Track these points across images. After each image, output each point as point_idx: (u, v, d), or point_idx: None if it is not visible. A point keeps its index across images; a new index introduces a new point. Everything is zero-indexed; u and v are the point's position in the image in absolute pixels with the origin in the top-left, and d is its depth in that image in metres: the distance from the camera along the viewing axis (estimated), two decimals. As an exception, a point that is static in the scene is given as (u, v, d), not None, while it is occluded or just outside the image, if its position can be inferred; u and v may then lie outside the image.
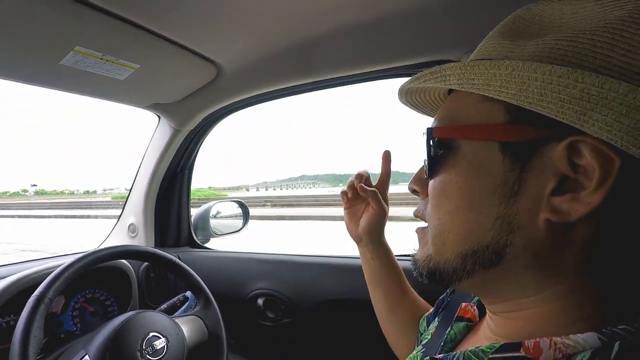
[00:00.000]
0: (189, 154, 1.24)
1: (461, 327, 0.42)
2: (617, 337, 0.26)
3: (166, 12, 0.68)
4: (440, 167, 0.34)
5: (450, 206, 0.33)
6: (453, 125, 0.34)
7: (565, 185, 0.28)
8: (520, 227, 0.29)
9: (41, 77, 0.81)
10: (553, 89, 0.25)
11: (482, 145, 0.31)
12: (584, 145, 0.26)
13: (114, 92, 0.95)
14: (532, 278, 0.30)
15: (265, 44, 0.85)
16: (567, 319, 0.30)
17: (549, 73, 0.25)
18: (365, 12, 0.73)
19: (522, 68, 0.26)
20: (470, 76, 0.29)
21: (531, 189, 0.29)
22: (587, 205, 0.26)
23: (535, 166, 0.28)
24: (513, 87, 0.27)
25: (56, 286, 0.65)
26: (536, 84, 0.26)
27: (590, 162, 0.26)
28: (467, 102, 0.33)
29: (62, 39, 0.67)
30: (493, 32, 0.36)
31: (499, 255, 0.30)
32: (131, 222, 1.25)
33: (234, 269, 1.15)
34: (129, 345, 0.65)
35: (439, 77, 0.32)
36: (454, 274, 0.33)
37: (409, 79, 0.36)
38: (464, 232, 0.32)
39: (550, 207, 0.28)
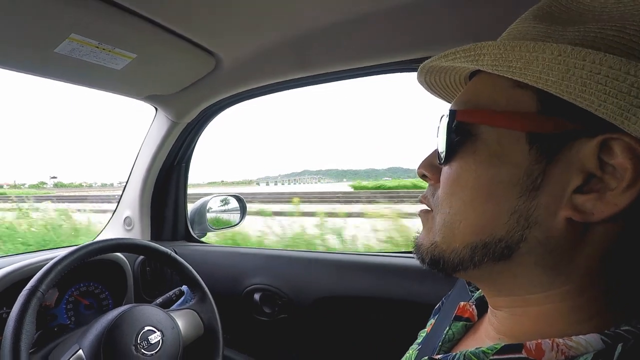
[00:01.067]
0: (186, 147, 1.23)
1: (459, 327, 0.41)
2: (620, 338, 0.26)
3: (165, 0, 0.67)
4: (458, 154, 0.32)
5: (466, 195, 0.31)
6: (478, 109, 0.32)
7: (589, 183, 0.27)
8: (538, 222, 0.28)
9: (35, 65, 0.79)
10: (600, 79, 0.23)
11: (508, 133, 0.29)
12: (617, 144, 0.25)
13: (110, 83, 0.93)
14: (541, 275, 0.30)
15: (265, 36, 0.83)
16: (573, 319, 0.29)
17: (599, 62, 0.23)
18: (365, 5, 0.72)
19: (569, 53, 0.24)
20: (508, 57, 0.27)
21: (554, 184, 0.27)
22: (613, 206, 0.25)
23: (562, 161, 0.27)
24: (555, 73, 0.25)
25: (49, 279, 0.64)
26: (582, 72, 0.24)
27: (622, 162, 0.25)
28: (495, 86, 0.31)
29: (57, 26, 0.65)
30: (527, 14, 0.33)
31: (511, 249, 0.29)
32: (127, 215, 1.24)
33: (231, 263, 1.14)
34: (123, 339, 0.64)
35: (471, 56, 0.29)
36: (460, 264, 0.32)
37: (435, 56, 0.33)
38: (478, 223, 0.31)
39: (572, 205, 0.27)
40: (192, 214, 1.29)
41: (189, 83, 1.00)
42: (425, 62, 0.36)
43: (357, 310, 0.94)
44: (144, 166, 1.19)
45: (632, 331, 0.26)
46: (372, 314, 0.92)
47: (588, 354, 0.26)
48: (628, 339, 0.26)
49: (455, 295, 0.48)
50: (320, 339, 1.00)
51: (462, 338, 0.41)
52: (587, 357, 0.26)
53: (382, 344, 0.90)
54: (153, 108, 1.14)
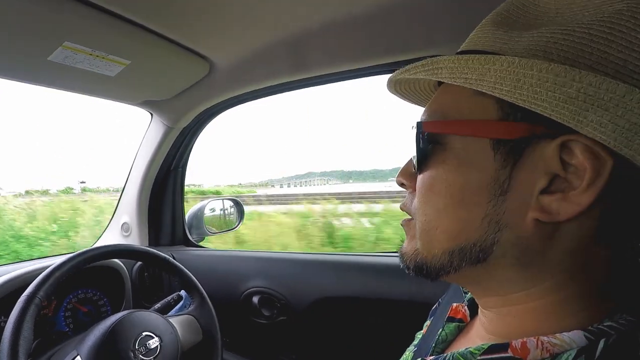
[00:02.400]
0: (182, 152, 1.23)
1: (452, 328, 0.42)
2: (602, 334, 0.26)
3: (157, 7, 0.67)
4: (429, 163, 0.33)
5: (439, 203, 0.32)
6: (444, 120, 0.33)
7: (554, 184, 0.27)
8: (508, 225, 0.29)
9: (29, 73, 0.79)
10: (549, 87, 0.24)
11: (473, 141, 0.30)
12: (576, 145, 0.26)
13: (104, 89, 0.93)
14: (518, 275, 0.30)
15: (258, 40, 0.84)
16: (556, 315, 0.30)
17: (546, 71, 0.24)
18: (358, 7, 0.73)
19: (517, 64, 0.25)
20: (463, 70, 0.28)
21: (521, 187, 0.28)
22: (576, 205, 0.26)
23: (527, 164, 0.28)
24: (507, 83, 0.26)
25: (47, 286, 0.64)
26: (531, 81, 0.25)
27: (581, 162, 0.26)
28: (458, 95, 0.32)
29: (51, 34, 0.65)
30: (487, 19, 0.35)
31: (485, 252, 0.30)
32: (124, 221, 1.23)
33: (229, 267, 1.14)
34: (121, 345, 0.64)
35: (430, 70, 0.31)
36: (441, 269, 0.33)
37: (399, 70, 0.35)
38: (452, 229, 0.32)
39: (539, 206, 0.28)
40: (190, 219, 1.29)
41: (184, 88, 1.00)
42: (392, 75, 0.38)
43: (355, 311, 0.94)
44: (140, 172, 1.19)
45: (615, 327, 0.27)
46: (370, 315, 0.92)
47: (572, 351, 0.26)
48: (610, 334, 0.26)
49: (450, 297, 0.49)
50: (319, 341, 1.00)
51: (454, 339, 0.41)
52: (571, 354, 0.26)
53: (380, 345, 0.90)
54: (148, 114, 1.14)
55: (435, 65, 0.30)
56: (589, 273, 0.29)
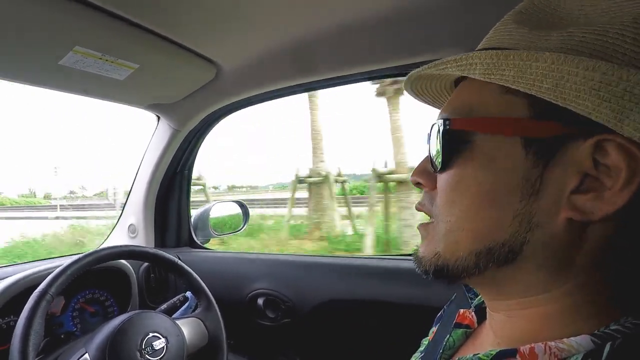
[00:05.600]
0: (188, 154, 1.24)
1: (460, 334, 0.41)
2: (609, 338, 0.26)
3: (165, 11, 0.68)
4: (456, 161, 0.32)
5: (466, 202, 0.31)
6: (472, 117, 0.32)
7: (585, 183, 0.27)
8: (540, 225, 0.28)
9: (40, 77, 0.81)
10: (593, 85, 0.24)
11: (503, 139, 0.30)
12: (610, 144, 0.25)
13: (113, 93, 0.95)
14: (543, 276, 0.30)
15: (264, 44, 0.85)
16: (567, 319, 0.29)
17: (592, 69, 0.24)
18: (363, 11, 0.73)
19: (563, 61, 0.25)
20: (500, 67, 0.27)
21: (553, 186, 0.28)
22: (612, 204, 0.26)
23: (559, 163, 0.27)
24: (549, 81, 0.25)
25: (58, 283, 0.65)
26: (576, 79, 0.24)
27: (616, 162, 0.25)
28: (484, 92, 0.31)
29: (61, 38, 0.67)
30: (507, 17, 0.34)
31: (514, 253, 0.29)
32: (131, 223, 1.25)
33: (234, 269, 1.15)
34: (128, 344, 0.65)
35: (463, 66, 0.30)
36: (465, 271, 0.32)
37: (426, 65, 0.34)
38: (481, 229, 0.31)
39: (572, 205, 0.27)
40: (195, 221, 1.30)
41: (191, 91, 1.02)
42: (416, 71, 0.37)
43: (360, 313, 0.94)
44: (147, 174, 1.20)
45: (621, 330, 0.27)
46: (375, 318, 0.92)
47: (578, 355, 0.26)
48: (616, 337, 0.26)
49: (455, 303, 0.48)
50: (324, 343, 1.00)
51: (462, 345, 0.41)
52: (577, 358, 0.26)
53: (385, 348, 0.90)
54: (155, 116, 1.15)
55: (469, 60, 0.29)
56: (605, 275, 0.29)
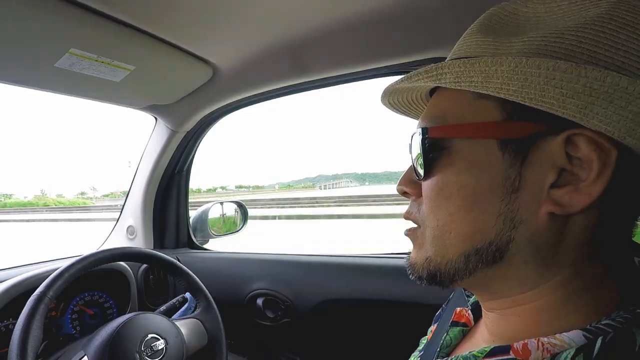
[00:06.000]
0: (186, 155, 1.24)
1: (457, 332, 0.42)
2: (600, 332, 0.27)
3: (161, 13, 0.68)
4: (436, 168, 0.33)
5: (451, 206, 0.32)
6: (447, 124, 0.33)
7: (563, 178, 0.28)
8: (523, 222, 0.29)
9: (36, 79, 0.81)
10: (556, 84, 0.25)
11: (480, 143, 0.31)
12: (580, 138, 0.27)
13: (109, 94, 0.95)
14: (532, 272, 0.31)
15: (261, 44, 0.85)
16: (558, 313, 0.30)
17: (553, 68, 0.25)
18: (359, 10, 0.73)
19: (525, 64, 0.26)
20: (469, 74, 0.29)
21: (531, 183, 0.29)
22: (588, 195, 0.27)
23: (534, 161, 0.29)
24: (515, 83, 0.27)
25: (56, 286, 0.65)
26: (539, 79, 0.26)
27: (587, 154, 0.27)
28: (458, 100, 0.33)
29: (57, 41, 0.67)
30: (471, 29, 0.35)
31: (501, 251, 0.30)
32: (130, 224, 1.25)
33: (233, 269, 1.15)
34: (127, 346, 0.65)
35: (433, 76, 0.31)
36: (456, 274, 0.32)
37: (399, 79, 0.35)
38: (468, 231, 0.32)
39: (552, 200, 0.28)
40: (194, 222, 1.30)
41: (187, 92, 1.02)
42: (390, 85, 0.38)
43: (359, 313, 0.94)
44: (145, 175, 1.20)
45: (613, 324, 0.27)
46: (375, 317, 0.92)
47: (570, 350, 0.27)
48: (608, 332, 0.27)
49: (454, 302, 0.49)
50: (323, 343, 1.01)
51: (459, 343, 0.42)
52: (570, 352, 0.27)
53: (385, 347, 0.90)
54: (153, 118, 1.15)
55: (439, 70, 0.31)
56: (592, 266, 0.30)
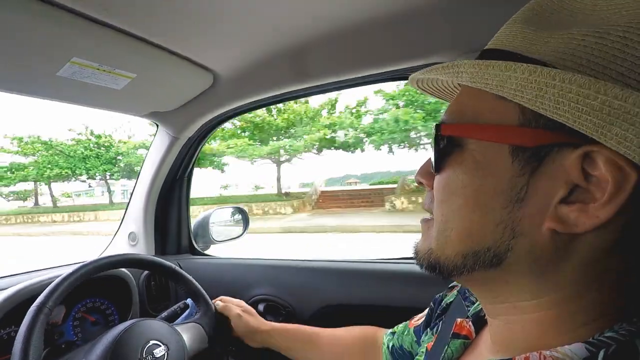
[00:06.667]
0: (187, 161, 1.25)
1: (458, 345, 0.41)
2: (603, 345, 0.26)
3: (161, 21, 0.69)
4: (446, 163, 0.33)
5: (455, 204, 0.32)
6: (462, 123, 0.33)
7: (575, 194, 0.27)
8: (524, 233, 0.28)
9: (39, 88, 0.82)
10: (571, 98, 0.23)
11: (491, 145, 0.30)
12: (599, 156, 0.25)
13: (111, 102, 0.95)
14: (531, 283, 0.30)
15: (261, 51, 0.86)
16: (563, 327, 0.29)
17: (569, 81, 0.23)
18: (359, 16, 0.74)
19: (539, 74, 0.24)
20: (484, 76, 0.27)
21: (539, 195, 0.28)
22: (595, 218, 0.25)
23: (546, 172, 0.27)
24: (529, 92, 0.25)
25: (56, 296, 0.65)
26: (554, 91, 0.24)
27: (603, 175, 0.25)
28: (480, 97, 0.32)
29: (59, 50, 0.68)
30: (517, 14, 0.34)
31: (499, 258, 0.30)
32: (131, 231, 1.25)
33: (235, 275, 1.14)
34: (129, 353, 0.65)
35: (451, 73, 0.30)
36: (454, 270, 0.32)
37: (421, 70, 0.34)
38: (466, 231, 0.31)
39: (557, 216, 0.27)
40: (196, 228, 1.31)
41: (188, 99, 1.02)
42: (414, 75, 0.37)
43: (360, 318, 0.93)
44: (147, 182, 1.21)
45: (615, 337, 0.27)
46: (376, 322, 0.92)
47: None
48: (610, 344, 0.26)
49: (452, 312, 0.48)
50: (326, 348, 1.00)
51: (460, 357, 0.41)
52: None
53: None
54: (154, 124, 1.16)
55: (456, 68, 0.30)
56: (601, 286, 0.28)
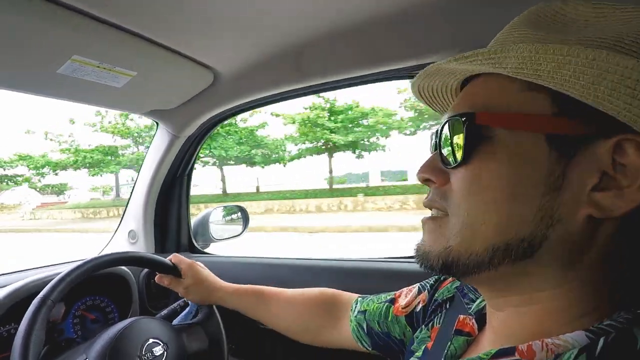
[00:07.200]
0: (187, 160, 1.25)
1: (461, 342, 0.41)
2: (603, 333, 0.27)
3: (162, 19, 0.69)
4: (477, 156, 0.32)
5: (488, 196, 0.31)
6: (493, 112, 0.32)
7: (603, 181, 0.28)
8: (561, 220, 0.29)
9: (39, 86, 0.82)
10: (630, 84, 0.24)
11: (526, 135, 0.30)
12: (630, 145, 0.26)
13: (111, 100, 0.95)
14: (558, 271, 0.30)
15: (261, 49, 0.86)
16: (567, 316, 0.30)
17: (632, 67, 0.24)
18: (359, 15, 0.74)
19: (604, 58, 0.24)
20: (538, 60, 0.27)
21: (574, 183, 0.28)
22: (630, 202, 0.27)
23: (581, 161, 0.28)
24: (587, 77, 0.25)
25: (59, 290, 0.65)
26: (614, 77, 0.24)
27: (636, 161, 0.26)
28: (502, 89, 0.32)
29: (59, 48, 0.68)
30: (515, 22, 0.34)
31: (533, 248, 0.30)
32: (131, 229, 1.25)
33: (235, 273, 1.14)
34: (128, 350, 0.65)
35: (494, 59, 0.29)
36: (476, 267, 0.32)
37: (450, 59, 0.33)
38: (502, 223, 0.31)
39: (593, 202, 0.28)
40: (195, 226, 1.31)
41: (188, 97, 1.02)
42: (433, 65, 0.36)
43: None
44: (147, 180, 1.21)
45: (614, 325, 0.28)
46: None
47: (573, 350, 0.27)
48: (610, 332, 0.27)
49: (452, 309, 0.48)
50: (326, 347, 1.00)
51: (464, 353, 0.41)
52: (573, 352, 0.27)
53: None
54: (155, 122, 1.16)
55: (504, 54, 0.28)
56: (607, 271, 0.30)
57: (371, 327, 0.60)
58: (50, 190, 20.24)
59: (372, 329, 0.60)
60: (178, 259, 0.83)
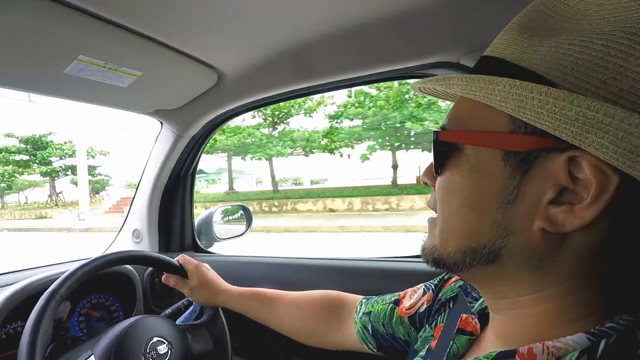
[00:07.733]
0: (191, 159, 1.25)
1: (463, 342, 0.41)
2: (604, 335, 0.27)
3: (167, 20, 0.70)
4: (445, 167, 0.35)
5: (453, 204, 0.34)
6: (459, 129, 0.35)
7: (564, 196, 0.28)
8: (515, 232, 0.30)
9: (46, 86, 0.83)
10: (549, 109, 0.25)
11: (485, 150, 0.32)
12: (583, 160, 0.27)
13: (116, 100, 0.96)
14: (527, 278, 0.31)
15: (265, 49, 0.86)
16: (563, 319, 0.30)
17: (545, 94, 0.25)
18: (362, 15, 0.74)
19: (519, 87, 0.27)
20: (471, 88, 0.30)
21: (530, 196, 0.29)
22: (580, 218, 0.27)
23: (536, 175, 0.29)
24: (512, 103, 0.27)
25: (67, 285, 0.66)
26: (533, 102, 0.26)
27: (588, 177, 0.27)
28: (474, 105, 0.34)
29: (66, 48, 0.68)
30: (513, 21, 0.35)
31: (495, 254, 0.32)
32: (135, 228, 1.26)
33: (238, 272, 1.15)
34: (133, 348, 0.66)
35: (443, 85, 0.33)
36: (455, 265, 0.34)
37: (420, 80, 0.38)
38: (464, 230, 0.33)
39: (546, 216, 0.29)
40: (199, 225, 1.31)
41: (193, 97, 1.03)
42: (414, 84, 0.41)
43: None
44: (151, 179, 1.22)
45: (616, 327, 0.28)
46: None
47: (574, 352, 0.27)
48: (611, 334, 0.27)
49: (455, 309, 0.49)
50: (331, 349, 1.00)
51: (466, 352, 0.41)
52: (574, 355, 0.27)
53: None
54: (159, 122, 1.17)
55: (447, 81, 0.33)
56: (598, 280, 0.30)
57: (376, 329, 0.61)
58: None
59: (377, 330, 0.61)
60: (185, 260, 0.84)
